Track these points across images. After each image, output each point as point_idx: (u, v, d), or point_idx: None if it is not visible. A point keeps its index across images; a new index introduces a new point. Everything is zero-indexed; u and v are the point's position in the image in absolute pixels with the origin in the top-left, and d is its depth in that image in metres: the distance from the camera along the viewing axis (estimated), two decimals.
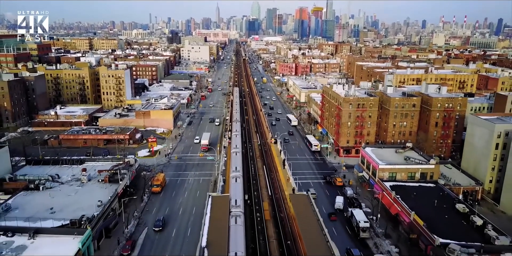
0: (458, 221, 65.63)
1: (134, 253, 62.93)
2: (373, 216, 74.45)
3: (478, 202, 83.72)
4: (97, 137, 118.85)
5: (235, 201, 60.30)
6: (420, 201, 72.40)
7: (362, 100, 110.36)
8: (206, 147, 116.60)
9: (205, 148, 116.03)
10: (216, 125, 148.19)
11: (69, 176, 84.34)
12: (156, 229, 69.67)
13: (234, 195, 63.86)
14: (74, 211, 67.10)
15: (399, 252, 63.78)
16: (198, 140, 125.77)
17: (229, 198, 61.32)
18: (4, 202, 69.54)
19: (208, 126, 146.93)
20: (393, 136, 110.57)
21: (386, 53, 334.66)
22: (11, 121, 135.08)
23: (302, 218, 56.26)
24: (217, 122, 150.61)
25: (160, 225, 70.28)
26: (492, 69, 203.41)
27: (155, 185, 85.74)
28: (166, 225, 71.38)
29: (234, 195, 63.18)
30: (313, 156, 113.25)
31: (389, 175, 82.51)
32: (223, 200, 60.59)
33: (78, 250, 56.86)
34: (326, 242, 50.67)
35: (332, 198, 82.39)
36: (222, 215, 56.73)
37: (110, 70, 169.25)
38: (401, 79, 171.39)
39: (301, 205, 60.13)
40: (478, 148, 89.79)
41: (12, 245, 57.82)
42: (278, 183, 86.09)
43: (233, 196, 62.44)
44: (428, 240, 59.88)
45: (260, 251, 59.90)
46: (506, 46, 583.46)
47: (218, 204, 59.41)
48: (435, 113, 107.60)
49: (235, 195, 63.20)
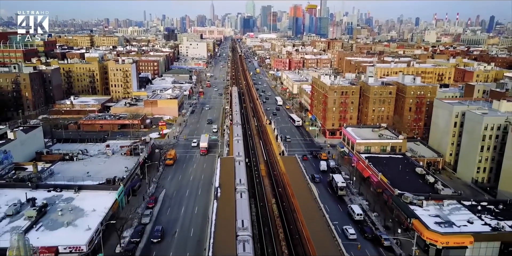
0: (416, 180, 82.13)
1: (156, 207, 78.57)
2: (350, 180, 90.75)
3: (439, 171, 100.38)
4: (112, 122, 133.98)
5: (239, 162, 77.31)
6: (388, 167, 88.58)
7: (345, 88, 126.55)
8: (205, 149, 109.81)
9: (204, 151, 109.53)
10: (214, 131, 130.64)
11: (96, 151, 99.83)
12: (154, 240, 64.64)
13: (239, 159, 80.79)
14: (106, 175, 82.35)
15: (368, 204, 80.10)
16: (196, 143, 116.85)
17: (234, 159, 77.80)
18: (48, 168, 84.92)
19: (206, 128, 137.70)
20: (373, 119, 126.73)
21: (375, 49, 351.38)
22: (31, 110, 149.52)
23: (290, 172, 72.84)
24: (215, 129, 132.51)
25: (158, 236, 65.24)
26: (469, 64, 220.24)
27: (168, 159, 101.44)
28: (180, 189, 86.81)
29: (237, 157, 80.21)
30: (302, 137, 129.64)
31: (365, 148, 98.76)
32: (229, 160, 77.18)
33: (115, 200, 72.50)
34: (307, 184, 67.09)
35: (318, 168, 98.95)
36: (229, 170, 74.06)
37: (118, 64, 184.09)
38: (385, 72, 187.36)
39: (290, 163, 76.61)
40: (441, 126, 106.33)
41: (62, 197, 73.30)
42: (272, 152, 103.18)
43: (236, 158, 79.21)
44: (390, 192, 76.14)
45: (258, 195, 77.79)
46: (495, 43, 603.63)
47: (226, 162, 76.28)
48: (409, 100, 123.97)
49: (239, 157, 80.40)
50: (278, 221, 66.65)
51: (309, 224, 56.60)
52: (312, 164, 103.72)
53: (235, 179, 69.82)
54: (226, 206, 60.84)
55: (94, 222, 63.49)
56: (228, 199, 63.53)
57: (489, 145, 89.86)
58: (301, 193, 65.60)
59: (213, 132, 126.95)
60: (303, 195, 67.33)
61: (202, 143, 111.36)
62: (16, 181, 78.05)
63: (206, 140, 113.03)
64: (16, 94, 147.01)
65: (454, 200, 72.52)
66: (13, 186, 75.89)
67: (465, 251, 60.81)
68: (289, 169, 75.58)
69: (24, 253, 46.52)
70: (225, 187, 67.33)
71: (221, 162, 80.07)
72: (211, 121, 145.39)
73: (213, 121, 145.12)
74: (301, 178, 72.64)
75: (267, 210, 73.03)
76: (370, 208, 78.37)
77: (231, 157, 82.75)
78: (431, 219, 65.48)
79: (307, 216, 59.53)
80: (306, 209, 61.83)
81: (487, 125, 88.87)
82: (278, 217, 67.59)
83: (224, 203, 62.14)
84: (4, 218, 64.72)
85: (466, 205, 70.86)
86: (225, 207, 60.77)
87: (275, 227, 66.36)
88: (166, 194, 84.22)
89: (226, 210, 59.73)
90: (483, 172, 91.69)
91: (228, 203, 61.66)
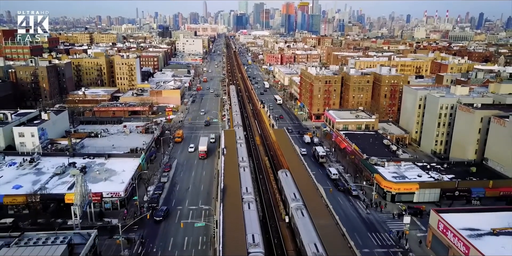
0: (382, 149, 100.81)
1: (171, 171, 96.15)
2: (330, 151, 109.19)
3: (406, 145, 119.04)
4: (124, 109, 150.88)
5: (239, 137, 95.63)
6: (361, 140, 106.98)
7: (329, 78, 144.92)
8: (204, 153, 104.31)
9: (203, 155, 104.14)
10: (212, 142, 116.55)
11: (115, 130, 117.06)
12: (157, 218, 70.50)
13: (238, 130, 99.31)
14: (128, 148, 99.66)
15: (344, 168, 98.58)
16: (193, 148, 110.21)
17: (235, 132, 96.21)
18: (80, 142, 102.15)
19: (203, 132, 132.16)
20: (353, 104, 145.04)
21: (362, 45, 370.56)
22: (48, 99, 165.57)
23: (280, 141, 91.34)
24: (213, 139, 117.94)
25: (161, 215, 71.23)
26: (445, 58, 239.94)
27: (177, 137, 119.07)
28: (189, 160, 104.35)
29: (238, 131, 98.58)
30: (292, 120, 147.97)
31: (343, 126, 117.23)
32: (231, 132, 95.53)
33: (139, 164, 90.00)
34: (294, 149, 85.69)
35: (304, 144, 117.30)
36: (232, 141, 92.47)
37: (123, 59, 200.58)
38: (368, 65, 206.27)
39: (279, 134, 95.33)
40: (408, 108, 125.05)
41: (95, 162, 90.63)
42: (265, 128, 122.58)
43: (237, 131, 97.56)
44: (360, 157, 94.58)
45: (254, 157, 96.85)
46: (481, 39, 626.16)
47: (229, 134, 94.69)
48: (384, 88, 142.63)
49: (239, 132, 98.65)
50: (269, 170, 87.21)
51: (292, 170, 75.58)
52: (299, 140, 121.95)
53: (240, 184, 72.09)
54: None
55: (126, 178, 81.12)
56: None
57: (444, 122, 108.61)
58: (288, 152, 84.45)
59: (211, 142, 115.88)
60: (289, 153, 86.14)
61: (201, 146, 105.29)
62: (56, 151, 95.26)
63: (205, 143, 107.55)
64: (34, 85, 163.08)
65: (410, 162, 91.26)
66: (54, 155, 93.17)
67: (413, 196, 79.45)
68: (278, 138, 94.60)
69: (83, 189, 64.00)
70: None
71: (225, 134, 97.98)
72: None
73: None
74: (288, 143, 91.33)
75: (261, 165, 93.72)
76: (345, 171, 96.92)
77: (232, 130, 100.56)
78: (390, 174, 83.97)
79: (291, 166, 78.71)
80: (292, 162, 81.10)
81: (442, 105, 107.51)
82: (270, 167, 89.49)
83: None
84: (54, 176, 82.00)
85: (419, 165, 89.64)
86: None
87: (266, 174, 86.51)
88: (178, 163, 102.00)
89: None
90: (440, 144, 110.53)
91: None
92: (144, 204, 77.71)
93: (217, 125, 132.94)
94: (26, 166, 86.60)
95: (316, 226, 55.88)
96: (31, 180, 79.66)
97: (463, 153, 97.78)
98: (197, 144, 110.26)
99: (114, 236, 64.86)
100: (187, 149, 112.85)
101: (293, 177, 73.13)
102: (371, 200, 79.47)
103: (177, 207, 77.47)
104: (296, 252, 56.99)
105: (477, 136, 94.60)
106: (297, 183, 69.72)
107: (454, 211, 65.16)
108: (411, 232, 67.84)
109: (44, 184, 77.39)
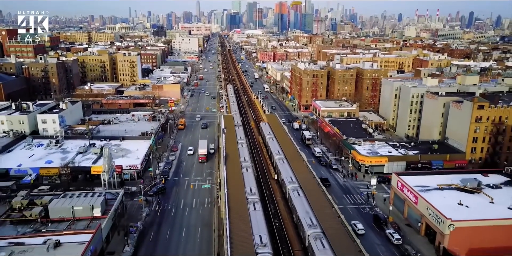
0: (360, 132, 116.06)
1: (177, 152, 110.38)
2: (315, 135, 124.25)
3: (384, 131, 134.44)
4: (129, 101, 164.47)
5: (237, 121, 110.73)
6: (343, 125, 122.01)
7: (316, 72, 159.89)
8: (204, 156, 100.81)
9: (203, 158, 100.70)
10: (211, 152, 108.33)
11: (125, 118, 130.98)
12: (150, 194, 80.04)
13: (235, 116, 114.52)
14: (139, 132, 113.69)
15: (327, 149, 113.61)
16: (192, 150, 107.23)
17: (233, 117, 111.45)
18: (96, 127, 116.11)
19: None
20: (338, 96, 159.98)
21: (351, 43, 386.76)
22: (58, 94, 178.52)
23: (272, 123, 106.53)
24: (212, 149, 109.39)
25: (155, 192, 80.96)
26: (427, 55, 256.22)
27: (180, 124, 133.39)
28: (192, 143, 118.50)
29: (235, 116, 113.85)
30: (284, 111, 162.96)
31: (328, 114, 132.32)
32: (229, 117, 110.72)
33: (150, 145, 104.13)
34: (282, 127, 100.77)
35: (293, 130, 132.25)
36: (231, 124, 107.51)
37: (126, 56, 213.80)
38: (354, 61, 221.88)
39: (271, 118, 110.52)
40: (386, 98, 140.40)
41: (112, 144, 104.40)
42: (259, 115, 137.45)
43: (235, 116, 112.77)
44: (340, 138, 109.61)
45: (249, 138, 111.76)
46: (470, 37, 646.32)
47: (228, 119, 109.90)
48: (366, 81, 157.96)
49: (236, 117, 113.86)
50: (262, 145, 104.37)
51: (282, 145, 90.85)
52: (289, 127, 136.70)
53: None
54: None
55: (140, 155, 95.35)
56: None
57: (415, 109, 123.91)
58: (278, 132, 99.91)
59: (211, 153, 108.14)
60: (279, 133, 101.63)
61: (200, 150, 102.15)
62: (76, 134, 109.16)
63: (204, 145, 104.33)
64: (45, 80, 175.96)
65: (383, 141, 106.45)
66: (75, 138, 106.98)
67: (383, 168, 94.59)
68: (270, 121, 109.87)
69: (110, 161, 78.15)
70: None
71: (224, 118, 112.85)
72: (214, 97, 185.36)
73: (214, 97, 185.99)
74: (278, 125, 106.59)
75: (256, 143, 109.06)
76: (328, 151, 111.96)
77: (230, 115, 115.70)
78: (364, 151, 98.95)
79: (281, 141, 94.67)
80: (282, 139, 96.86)
81: (413, 94, 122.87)
82: (263, 144, 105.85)
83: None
84: (78, 154, 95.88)
85: (390, 144, 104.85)
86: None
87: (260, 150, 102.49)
88: (182, 145, 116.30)
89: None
90: (412, 128, 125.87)
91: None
92: (157, 176, 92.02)
93: (214, 125, 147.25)
94: (53, 147, 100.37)
95: (310, 204, 63.03)
96: (59, 157, 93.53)
97: (430, 134, 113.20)
98: (196, 147, 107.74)
99: (135, 198, 79.22)
100: (190, 134, 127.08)
101: (288, 161, 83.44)
102: (348, 171, 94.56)
103: (185, 177, 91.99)
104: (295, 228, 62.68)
105: (440, 119, 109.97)
106: (292, 167, 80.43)
107: (411, 174, 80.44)
108: (378, 194, 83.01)
109: (72, 159, 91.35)
